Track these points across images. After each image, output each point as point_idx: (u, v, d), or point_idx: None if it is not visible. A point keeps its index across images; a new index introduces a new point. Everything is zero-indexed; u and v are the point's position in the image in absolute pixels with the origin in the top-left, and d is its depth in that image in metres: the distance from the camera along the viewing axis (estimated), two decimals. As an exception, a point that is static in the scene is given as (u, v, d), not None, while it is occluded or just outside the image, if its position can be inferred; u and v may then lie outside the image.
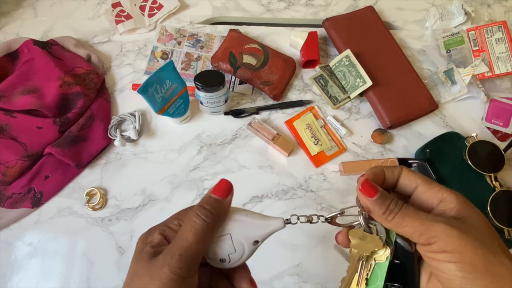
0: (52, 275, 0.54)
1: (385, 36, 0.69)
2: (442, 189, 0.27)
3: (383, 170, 0.29)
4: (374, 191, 0.27)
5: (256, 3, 0.78)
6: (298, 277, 0.54)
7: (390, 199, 0.27)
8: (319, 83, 0.68)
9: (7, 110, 0.61)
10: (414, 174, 0.28)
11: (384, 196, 0.27)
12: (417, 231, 0.25)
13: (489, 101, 0.66)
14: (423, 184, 0.27)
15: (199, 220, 0.26)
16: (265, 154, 0.63)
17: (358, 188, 0.28)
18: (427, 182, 0.28)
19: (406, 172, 0.29)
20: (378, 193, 0.27)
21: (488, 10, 0.77)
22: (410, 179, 0.28)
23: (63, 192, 0.60)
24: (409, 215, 0.25)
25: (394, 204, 0.26)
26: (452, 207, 0.26)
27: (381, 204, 0.26)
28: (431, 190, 0.27)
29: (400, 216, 0.26)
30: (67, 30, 0.74)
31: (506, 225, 0.53)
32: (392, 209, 0.26)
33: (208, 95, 0.59)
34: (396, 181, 0.29)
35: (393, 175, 0.29)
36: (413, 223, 0.25)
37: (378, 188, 0.27)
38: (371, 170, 0.29)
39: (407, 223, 0.25)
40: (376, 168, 0.29)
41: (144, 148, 0.63)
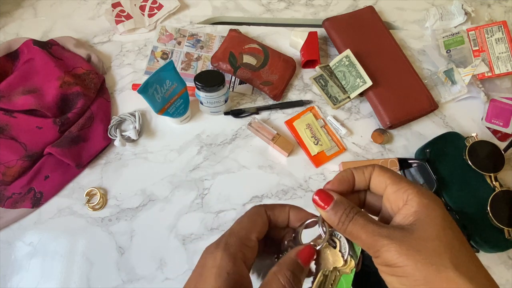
0: (52, 275, 0.54)
1: (385, 36, 0.69)
2: (408, 190, 0.25)
3: (352, 173, 0.28)
4: (328, 201, 0.26)
5: (256, 3, 0.78)
6: (298, 277, 0.54)
7: (342, 208, 0.25)
8: (319, 83, 0.68)
9: (7, 110, 0.61)
10: (384, 174, 0.26)
11: (337, 205, 0.25)
12: (366, 243, 0.24)
13: (489, 101, 0.66)
14: (391, 184, 0.26)
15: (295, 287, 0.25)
16: (265, 154, 0.63)
17: (312, 199, 0.26)
18: (395, 181, 0.26)
19: (376, 171, 0.27)
20: (332, 203, 0.25)
21: (488, 10, 0.77)
22: (380, 180, 0.27)
23: (63, 192, 0.60)
24: (358, 227, 0.24)
25: (346, 214, 0.25)
26: (411, 212, 0.24)
27: (335, 214, 0.25)
28: (398, 191, 0.25)
29: (351, 226, 0.25)
30: (67, 30, 0.74)
31: (506, 225, 0.53)
32: (343, 220, 0.25)
33: (208, 95, 0.59)
34: (369, 182, 0.27)
35: (364, 176, 0.27)
36: (362, 236, 0.24)
37: (332, 197, 0.26)
38: (337, 176, 0.28)
39: (357, 234, 0.24)
40: (345, 172, 0.28)
41: (144, 148, 0.63)
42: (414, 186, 0.25)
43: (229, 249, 0.25)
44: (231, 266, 0.24)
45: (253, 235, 0.26)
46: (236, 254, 0.25)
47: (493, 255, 0.55)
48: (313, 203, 0.26)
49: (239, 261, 0.24)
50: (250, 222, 0.27)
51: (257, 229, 0.27)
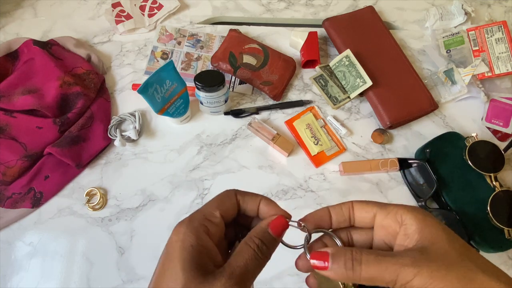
0: (52, 275, 0.54)
1: (385, 36, 0.69)
2: (399, 211, 0.25)
3: (328, 211, 0.27)
4: (325, 258, 0.24)
5: (256, 3, 0.78)
6: (298, 277, 0.54)
7: (343, 256, 0.23)
8: (319, 83, 0.68)
9: (7, 110, 0.61)
10: (367, 204, 0.26)
11: (337, 257, 0.24)
12: (389, 280, 0.22)
13: (489, 101, 0.66)
14: (379, 211, 0.25)
15: (263, 256, 0.25)
16: (265, 154, 0.63)
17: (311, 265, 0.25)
18: (382, 207, 0.25)
19: (358, 204, 0.26)
20: (330, 259, 0.24)
21: (488, 10, 0.77)
22: (366, 210, 0.26)
23: (63, 192, 0.60)
24: (374, 267, 0.23)
25: (350, 259, 0.23)
26: (413, 231, 0.24)
27: (339, 267, 0.23)
28: (389, 215, 0.25)
29: (365, 269, 0.23)
30: (67, 30, 0.74)
31: (506, 225, 0.53)
32: (351, 267, 0.23)
33: (208, 95, 0.59)
34: (350, 217, 0.27)
35: (342, 212, 0.27)
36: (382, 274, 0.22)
37: (327, 252, 0.24)
38: (311, 216, 0.27)
39: (377, 274, 0.23)
40: (321, 210, 0.27)
41: (144, 148, 0.63)
42: (402, 206, 0.25)
43: (192, 223, 0.25)
44: (194, 238, 0.24)
45: (217, 212, 0.26)
46: (199, 227, 0.25)
47: (493, 255, 0.55)
48: (312, 267, 0.25)
49: (203, 234, 0.25)
50: (217, 200, 0.27)
51: (222, 208, 0.26)
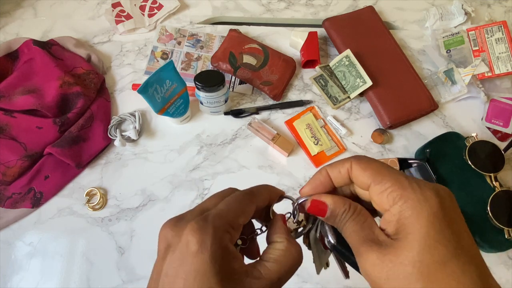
0: (52, 275, 0.54)
1: (385, 36, 0.69)
2: (392, 192, 0.22)
3: (327, 173, 0.26)
4: (323, 210, 0.25)
5: (256, 3, 0.78)
6: (298, 277, 0.54)
7: (340, 212, 0.24)
8: (319, 83, 0.68)
9: (7, 110, 0.61)
10: (363, 172, 0.24)
11: (334, 213, 0.24)
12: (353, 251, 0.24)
13: (489, 101, 0.66)
14: (373, 184, 0.23)
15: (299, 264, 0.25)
16: (265, 154, 0.63)
17: (307, 209, 0.25)
18: (377, 180, 0.23)
19: (354, 169, 0.24)
20: (328, 212, 0.25)
21: (488, 10, 0.77)
22: (360, 179, 0.24)
23: (63, 192, 0.60)
24: (347, 236, 0.24)
25: (340, 220, 0.24)
26: (394, 220, 0.22)
27: (332, 221, 0.25)
28: (382, 193, 0.23)
29: (343, 231, 0.24)
30: (67, 30, 0.74)
31: (506, 225, 0.53)
32: (338, 225, 0.25)
33: (208, 95, 0.59)
34: (350, 178, 0.25)
35: (341, 175, 0.25)
36: (350, 245, 0.24)
37: (327, 205, 0.25)
38: (312, 181, 0.26)
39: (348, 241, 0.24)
40: (319, 173, 0.26)
41: (144, 148, 0.63)
42: (398, 186, 0.22)
43: (217, 233, 0.22)
44: (223, 250, 0.22)
45: (241, 220, 0.24)
46: (224, 237, 0.22)
47: (493, 255, 0.55)
48: (310, 213, 0.26)
49: (229, 244, 0.23)
50: (240, 207, 0.25)
51: (245, 215, 0.25)
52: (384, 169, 0.23)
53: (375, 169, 0.23)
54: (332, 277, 0.54)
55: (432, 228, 0.20)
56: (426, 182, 0.23)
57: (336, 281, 0.54)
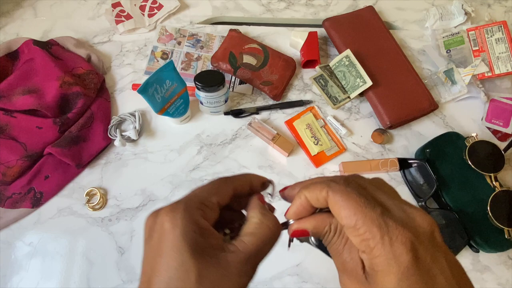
0: (52, 275, 0.54)
1: (385, 36, 0.69)
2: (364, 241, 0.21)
3: (306, 198, 0.25)
4: (306, 235, 0.25)
5: (256, 3, 0.78)
6: (298, 277, 0.54)
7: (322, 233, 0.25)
8: (319, 83, 0.68)
9: (7, 110, 0.61)
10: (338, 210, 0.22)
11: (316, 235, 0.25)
12: None
13: (489, 101, 0.66)
14: (347, 226, 0.22)
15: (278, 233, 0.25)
16: (265, 154, 0.63)
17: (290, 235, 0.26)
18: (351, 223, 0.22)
19: (330, 202, 0.23)
20: (310, 234, 0.25)
21: (488, 10, 0.77)
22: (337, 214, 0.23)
23: (63, 192, 0.60)
24: (330, 253, 0.25)
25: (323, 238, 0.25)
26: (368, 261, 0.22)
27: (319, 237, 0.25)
28: (355, 237, 0.22)
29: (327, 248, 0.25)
30: (67, 30, 0.74)
31: (506, 225, 0.53)
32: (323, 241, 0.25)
33: (208, 95, 0.59)
34: None
35: (319, 202, 0.24)
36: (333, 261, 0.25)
37: (307, 231, 0.25)
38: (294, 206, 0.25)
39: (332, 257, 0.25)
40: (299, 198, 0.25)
41: (144, 148, 0.63)
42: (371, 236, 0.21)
43: (189, 210, 0.23)
44: (194, 224, 0.22)
45: (214, 198, 0.25)
46: (196, 212, 0.23)
47: (493, 255, 0.55)
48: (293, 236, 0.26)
49: (201, 219, 0.23)
50: (213, 188, 0.26)
51: (219, 195, 0.25)
52: (360, 208, 0.22)
53: (350, 208, 0.22)
54: (332, 277, 0.54)
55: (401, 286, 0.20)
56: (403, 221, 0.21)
57: (336, 281, 0.54)
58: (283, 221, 0.27)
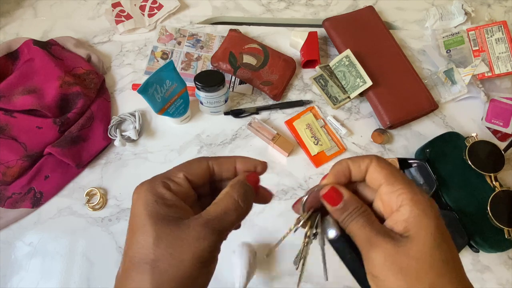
0: (52, 275, 0.54)
1: (385, 36, 0.69)
2: (402, 194, 0.24)
3: (348, 166, 0.27)
4: (338, 199, 0.26)
5: (256, 3, 0.78)
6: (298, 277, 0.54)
7: (351, 208, 0.25)
8: (319, 83, 0.68)
9: (7, 110, 0.61)
10: (380, 170, 0.25)
11: (346, 205, 0.26)
12: (360, 246, 0.25)
13: (489, 101, 0.66)
14: (385, 184, 0.25)
15: (244, 205, 0.26)
16: (265, 154, 0.63)
17: (321, 194, 0.26)
18: (390, 181, 0.25)
19: (373, 166, 0.26)
20: (341, 203, 0.26)
21: (488, 10, 0.77)
22: (375, 176, 0.26)
23: (63, 192, 0.60)
24: (356, 228, 0.25)
25: (350, 214, 0.25)
26: (401, 220, 0.24)
27: (341, 213, 0.26)
28: (392, 193, 0.24)
29: (350, 226, 0.25)
30: (67, 30, 0.74)
31: (506, 225, 0.53)
32: (347, 219, 0.25)
33: (208, 95, 0.59)
34: (365, 174, 0.27)
35: (360, 169, 0.26)
36: (357, 238, 0.25)
37: (343, 195, 0.26)
38: (334, 169, 0.27)
39: (354, 235, 0.25)
40: (340, 164, 0.27)
41: (144, 148, 0.63)
42: (409, 190, 0.24)
43: (152, 182, 0.26)
44: (155, 193, 0.25)
45: (180, 174, 0.27)
46: (158, 184, 0.26)
47: (493, 255, 0.55)
48: (322, 198, 0.26)
49: (163, 189, 0.25)
50: (182, 164, 0.28)
51: (188, 170, 0.27)
52: (398, 173, 0.25)
53: (391, 171, 0.25)
54: (331, 277, 0.54)
55: (438, 230, 0.23)
56: None
57: (335, 280, 0.54)
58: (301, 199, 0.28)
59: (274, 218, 0.58)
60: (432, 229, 0.23)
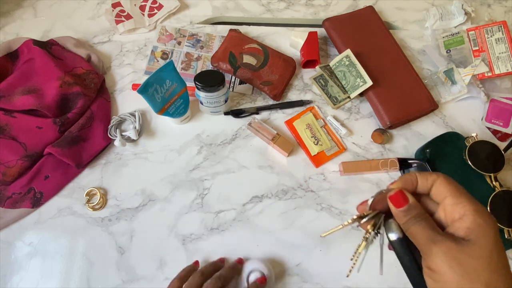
0: (52, 275, 0.54)
1: (385, 36, 0.69)
2: (466, 206, 0.27)
3: (416, 178, 0.30)
4: (403, 202, 0.29)
5: (256, 3, 0.78)
6: (298, 277, 0.54)
7: (414, 212, 0.28)
8: (319, 83, 0.68)
9: (7, 110, 0.61)
10: (446, 185, 0.28)
11: (410, 209, 0.29)
12: (419, 245, 0.28)
13: (489, 101, 0.66)
14: (451, 197, 0.28)
15: None
16: (265, 154, 0.63)
17: (388, 196, 0.29)
18: (455, 195, 0.28)
19: (439, 181, 0.29)
20: (406, 206, 0.29)
21: (488, 10, 0.77)
22: (441, 189, 0.29)
23: (63, 192, 0.60)
24: (418, 229, 0.28)
25: (413, 217, 0.28)
26: (463, 227, 0.27)
27: (405, 216, 0.29)
28: (456, 205, 0.28)
29: (412, 228, 0.28)
30: (67, 30, 0.74)
31: (506, 225, 0.53)
32: (409, 222, 0.28)
33: (208, 95, 0.59)
34: (430, 188, 0.30)
35: (427, 183, 0.30)
36: (418, 237, 0.28)
37: (408, 199, 0.29)
38: (403, 178, 0.30)
39: (415, 235, 0.28)
40: (409, 175, 0.30)
41: (144, 148, 0.63)
42: (472, 203, 0.27)
43: None
44: None
45: None
46: None
47: (493, 255, 0.55)
48: (389, 199, 0.29)
49: None
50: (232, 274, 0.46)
51: None
52: (462, 189, 0.29)
53: (456, 186, 0.29)
54: (331, 277, 0.54)
55: (497, 239, 0.26)
56: None
57: (335, 281, 0.54)
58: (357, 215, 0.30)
59: (274, 218, 0.58)
60: (492, 237, 0.26)
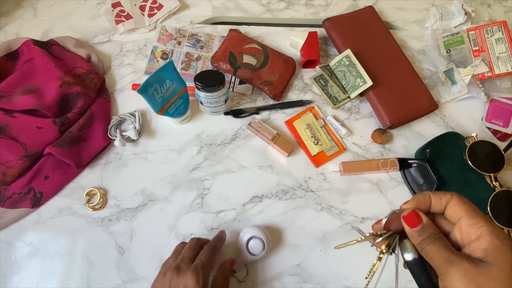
0: (52, 275, 0.54)
1: (385, 36, 0.69)
2: (483, 227, 0.27)
3: (430, 197, 0.30)
4: (417, 222, 0.28)
5: (256, 3, 0.78)
6: (298, 277, 0.54)
7: (428, 232, 0.28)
8: (319, 83, 0.68)
9: (7, 110, 0.61)
10: (461, 205, 0.28)
11: (424, 229, 0.28)
12: (435, 265, 0.27)
13: (489, 101, 0.66)
14: (466, 217, 0.28)
15: None
16: (265, 154, 0.63)
17: (402, 216, 0.29)
18: (471, 215, 0.28)
19: (454, 201, 0.29)
20: (420, 226, 0.28)
21: (488, 10, 0.77)
22: (456, 209, 0.28)
23: (63, 192, 0.60)
24: (434, 249, 0.27)
25: (428, 237, 0.28)
26: (480, 249, 0.26)
27: (419, 236, 0.28)
28: (473, 225, 0.27)
29: (427, 248, 0.28)
30: (67, 30, 0.74)
31: (506, 225, 0.53)
32: (424, 242, 0.28)
33: (208, 95, 0.59)
34: (445, 208, 0.29)
35: (441, 202, 0.29)
36: (434, 258, 0.27)
37: (422, 219, 0.28)
38: (416, 198, 0.30)
39: (431, 256, 0.27)
40: (422, 194, 0.30)
41: (144, 148, 0.63)
42: (489, 223, 0.27)
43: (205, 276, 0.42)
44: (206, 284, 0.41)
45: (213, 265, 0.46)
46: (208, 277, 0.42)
47: (493, 255, 0.55)
48: (403, 219, 0.29)
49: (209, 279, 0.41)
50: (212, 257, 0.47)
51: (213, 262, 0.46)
52: (478, 209, 0.28)
53: (471, 206, 0.28)
54: (331, 277, 0.54)
55: None
56: None
57: (335, 281, 0.54)
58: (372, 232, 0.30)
59: (274, 218, 0.58)
60: (510, 259, 0.26)
